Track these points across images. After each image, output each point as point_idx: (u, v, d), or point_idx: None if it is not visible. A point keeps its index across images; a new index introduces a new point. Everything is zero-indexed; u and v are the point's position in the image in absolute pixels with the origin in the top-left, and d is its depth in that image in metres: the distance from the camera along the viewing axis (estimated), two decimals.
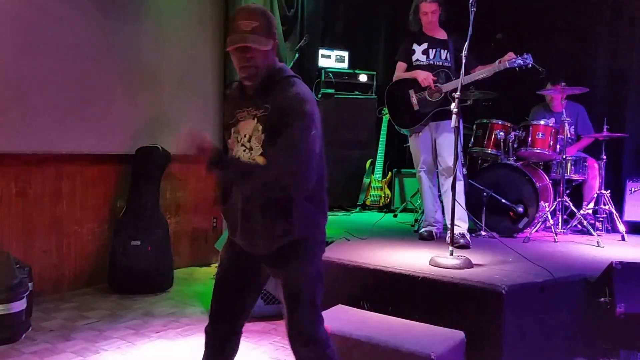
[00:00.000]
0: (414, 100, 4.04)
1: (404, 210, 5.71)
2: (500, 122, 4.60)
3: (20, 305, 3.12)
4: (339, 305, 3.01)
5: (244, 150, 1.91)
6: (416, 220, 4.83)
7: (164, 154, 4.44)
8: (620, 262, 2.81)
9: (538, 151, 4.51)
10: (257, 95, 1.93)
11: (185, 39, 4.92)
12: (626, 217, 4.65)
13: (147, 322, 3.48)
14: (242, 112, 1.97)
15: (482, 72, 3.81)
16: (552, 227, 4.27)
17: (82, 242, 4.19)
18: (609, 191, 4.52)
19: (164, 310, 3.72)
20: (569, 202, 4.33)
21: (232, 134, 1.99)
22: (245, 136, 1.92)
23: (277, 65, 1.97)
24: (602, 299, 2.84)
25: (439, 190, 4.19)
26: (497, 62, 3.79)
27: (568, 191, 4.59)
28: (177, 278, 4.45)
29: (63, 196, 4.07)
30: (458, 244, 3.61)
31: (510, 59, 3.73)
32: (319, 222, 1.99)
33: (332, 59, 6.04)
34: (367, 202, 5.84)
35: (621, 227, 4.37)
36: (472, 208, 4.26)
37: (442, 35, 4.05)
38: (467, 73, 3.73)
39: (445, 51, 4.00)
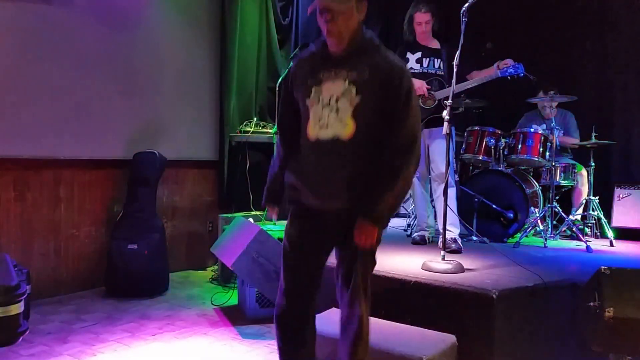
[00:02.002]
0: None
1: (397, 215, 5.75)
2: (491, 130, 4.66)
3: (18, 308, 3.13)
4: (333, 308, 3.05)
5: (330, 111, 1.93)
6: (409, 225, 4.88)
7: (161, 159, 4.48)
8: (609, 267, 2.85)
9: (528, 158, 4.57)
10: (349, 58, 1.95)
11: (182, 46, 4.96)
12: (614, 223, 4.71)
13: (143, 324, 3.51)
14: (328, 72, 1.97)
15: (478, 80, 3.87)
16: (542, 232, 4.34)
17: (79, 245, 4.23)
18: (597, 197, 4.59)
19: (160, 313, 3.75)
20: (559, 208, 4.40)
21: (313, 93, 1.98)
22: (331, 97, 1.93)
23: (367, 34, 2.03)
24: (591, 303, 2.86)
25: (431, 196, 4.24)
26: (495, 65, 3.85)
27: (557, 197, 4.65)
28: (173, 281, 4.49)
29: (61, 200, 4.11)
30: (450, 249, 3.66)
31: (506, 65, 3.80)
32: None
33: None
34: None
35: (609, 233, 4.44)
36: (464, 213, 4.31)
37: (435, 44, 4.12)
38: (463, 79, 3.80)
39: (439, 60, 4.07)
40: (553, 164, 4.46)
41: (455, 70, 3.30)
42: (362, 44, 1.99)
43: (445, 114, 3.27)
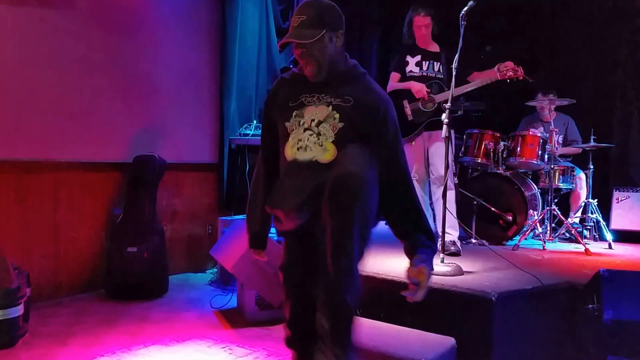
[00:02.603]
0: (408, 110, 4.11)
1: None
2: (489, 133, 4.68)
3: (17, 310, 3.14)
4: None
5: (310, 135, 1.89)
6: None
7: (161, 162, 4.48)
8: (608, 270, 2.87)
9: (526, 161, 4.59)
10: (332, 84, 1.92)
11: (182, 49, 4.97)
12: (613, 226, 4.72)
13: (142, 327, 3.51)
14: (311, 97, 1.94)
15: (477, 83, 3.89)
16: (541, 235, 4.35)
17: (79, 248, 4.23)
18: (596, 200, 4.61)
19: (159, 316, 3.75)
20: (557, 210, 4.41)
21: (293, 116, 1.94)
22: (312, 121, 1.90)
23: (350, 61, 2.00)
24: (590, 306, 2.88)
25: (431, 199, 4.26)
26: (495, 67, 3.87)
27: (556, 200, 4.67)
28: (172, 284, 4.48)
29: (61, 203, 4.11)
30: (449, 252, 3.67)
31: (507, 68, 3.81)
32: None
33: None
34: None
35: (608, 236, 4.46)
36: (463, 216, 4.33)
37: (434, 48, 4.14)
38: (462, 81, 3.82)
39: (438, 63, 4.09)
40: (552, 167, 4.47)
41: (454, 73, 3.32)
42: (345, 72, 1.97)
43: (444, 117, 3.29)
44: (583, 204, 4.70)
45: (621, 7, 5.03)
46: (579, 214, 4.74)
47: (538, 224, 4.44)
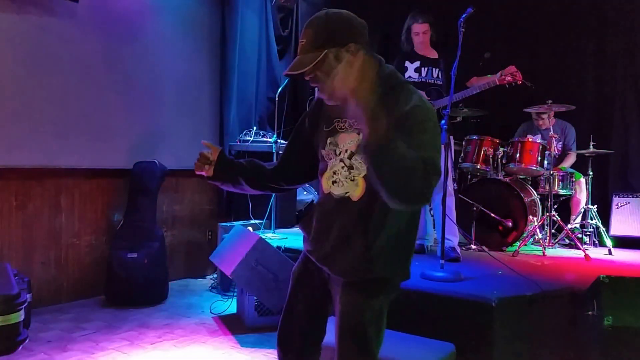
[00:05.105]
0: None
1: None
2: (489, 139, 4.68)
3: (18, 316, 3.14)
4: (331, 317, 3.05)
5: (342, 167, 1.69)
6: None
7: (161, 169, 4.50)
8: (608, 276, 2.87)
9: (526, 167, 4.59)
10: None
11: (183, 56, 5.00)
12: (612, 232, 4.72)
13: (142, 333, 3.52)
14: (343, 122, 1.71)
15: (475, 88, 3.90)
16: (541, 241, 4.35)
17: (80, 254, 4.24)
18: (595, 206, 4.61)
19: (159, 322, 3.76)
20: (557, 216, 4.41)
21: (328, 144, 1.73)
22: (346, 152, 1.68)
23: (384, 71, 1.71)
24: (589, 312, 2.89)
25: (430, 205, 4.26)
26: (498, 73, 3.87)
27: (556, 206, 4.67)
28: (173, 290, 4.49)
29: (62, 209, 4.12)
30: (449, 257, 3.67)
31: (510, 72, 3.81)
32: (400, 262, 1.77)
33: None
34: None
35: (608, 242, 4.46)
36: (462, 222, 4.33)
37: (433, 54, 4.15)
38: (461, 87, 3.83)
39: (437, 70, 4.10)
40: (551, 172, 4.48)
41: (453, 80, 3.33)
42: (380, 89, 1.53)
43: (443, 123, 3.30)
44: (583, 209, 4.70)
45: (620, 15, 5.06)
46: (578, 219, 4.74)
47: (538, 230, 4.44)
